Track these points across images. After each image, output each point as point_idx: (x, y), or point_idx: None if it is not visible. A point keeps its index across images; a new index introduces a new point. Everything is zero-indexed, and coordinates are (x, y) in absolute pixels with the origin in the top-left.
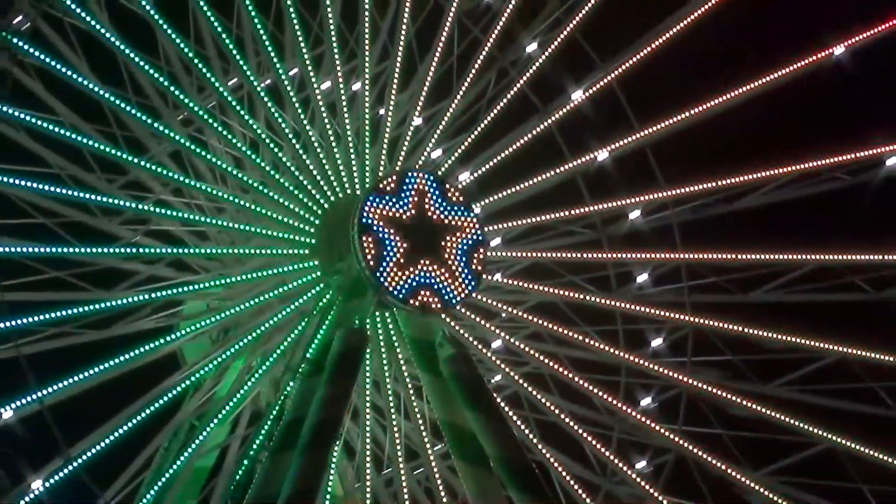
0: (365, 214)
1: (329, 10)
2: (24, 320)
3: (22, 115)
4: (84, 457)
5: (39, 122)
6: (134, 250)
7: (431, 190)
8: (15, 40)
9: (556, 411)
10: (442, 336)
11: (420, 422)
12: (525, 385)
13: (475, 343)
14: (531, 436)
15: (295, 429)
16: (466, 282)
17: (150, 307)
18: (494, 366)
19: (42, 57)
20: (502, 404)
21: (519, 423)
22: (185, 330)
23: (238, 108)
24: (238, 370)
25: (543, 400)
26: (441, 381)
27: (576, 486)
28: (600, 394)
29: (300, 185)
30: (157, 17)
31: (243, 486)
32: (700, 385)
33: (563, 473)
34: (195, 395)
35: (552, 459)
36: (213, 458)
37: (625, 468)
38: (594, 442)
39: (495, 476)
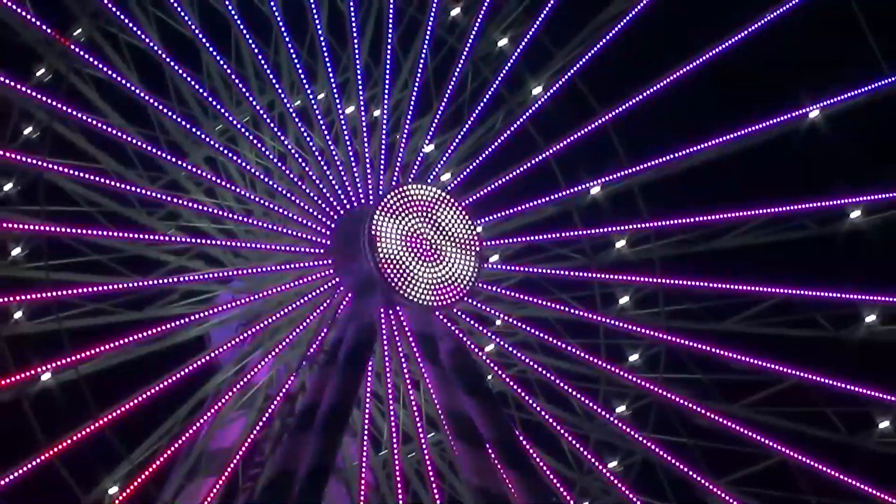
0: (376, 222)
1: (356, 44)
2: (67, 291)
3: (80, 116)
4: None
5: (95, 123)
6: (174, 239)
7: (437, 204)
8: (75, 49)
9: (540, 410)
10: (442, 330)
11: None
12: (513, 385)
13: (469, 344)
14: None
15: (312, 412)
16: (464, 285)
17: (179, 294)
18: (486, 367)
19: (98, 65)
20: None
21: None
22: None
23: (270, 123)
24: (258, 355)
25: (529, 400)
26: (442, 370)
27: (553, 480)
28: (580, 397)
29: (320, 194)
30: (203, 38)
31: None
32: (669, 397)
33: (542, 466)
34: (216, 376)
35: (533, 454)
36: (232, 432)
37: (598, 465)
38: (572, 440)
39: (490, 456)
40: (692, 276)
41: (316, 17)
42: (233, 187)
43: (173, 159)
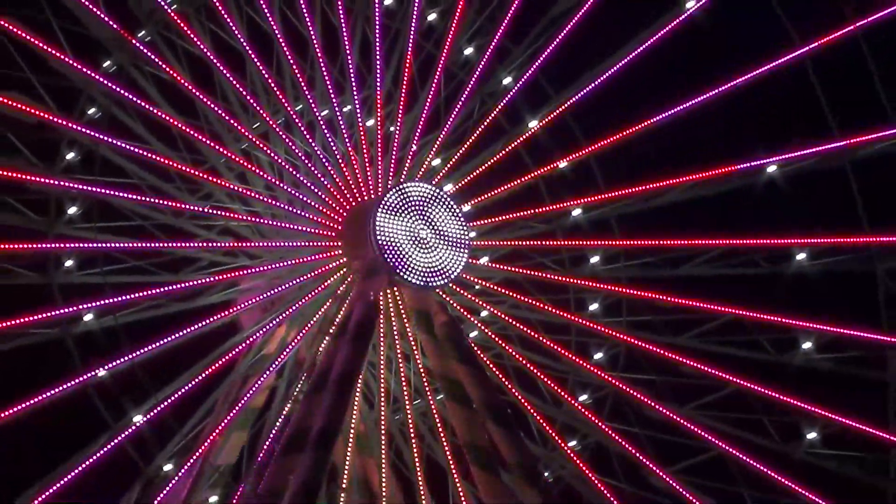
0: (379, 213)
1: (378, 73)
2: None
3: (137, 101)
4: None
5: (149, 109)
6: (208, 211)
7: (431, 200)
8: (140, 48)
9: (514, 392)
10: (437, 307)
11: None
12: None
13: (460, 310)
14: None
15: (325, 377)
16: (454, 269)
17: (208, 262)
18: (476, 327)
19: (158, 62)
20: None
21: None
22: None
23: (300, 126)
24: (283, 333)
25: (506, 383)
26: (436, 340)
27: (535, 415)
28: (550, 384)
29: (336, 189)
30: (248, 49)
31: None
32: (626, 391)
33: (526, 405)
34: (248, 354)
35: (518, 395)
36: (261, 398)
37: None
38: (547, 381)
39: (478, 414)
40: (654, 291)
41: (346, 43)
42: (262, 173)
43: (215, 146)
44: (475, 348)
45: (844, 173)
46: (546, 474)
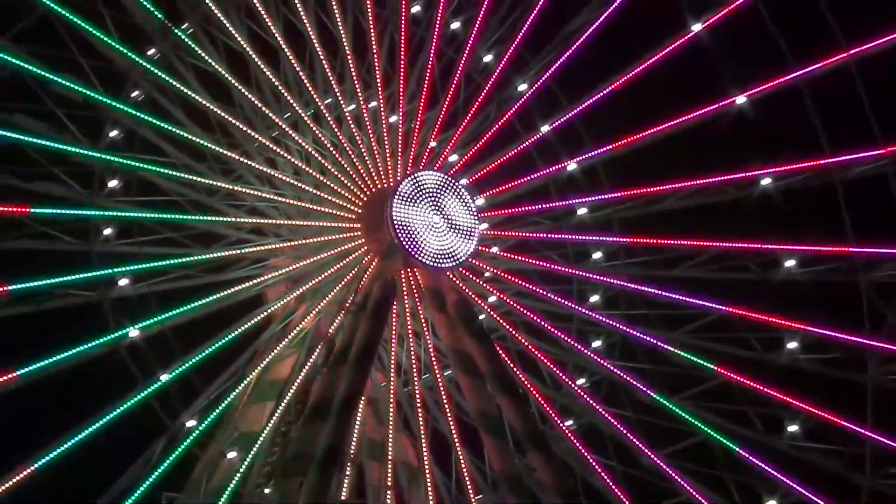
0: (396, 199)
1: (401, 79)
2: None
3: (173, 129)
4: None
5: (183, 134)
6: (240, 189)
7: (445, 185)
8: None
9: (518, 375)
10: (449, 286)
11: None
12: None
13: (470, 294)
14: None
15: (346, 350)
16: (465, 253)
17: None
18: (484, 310)
19: (199, 52)
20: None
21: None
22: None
23: (329, 118)
24: (304, 308)
25: (515, 334)
26: (448, 317)
27: (536, 395)
28: (552, 367)
29: (357, 176)
30: (283, 46)
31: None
32: (621, 377)
33: (528, 385)
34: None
35: (521, 376)
36: (286, 369)
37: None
38: (548, 363)
39: (487, 384)
40: (649, 285)
41: (374, 46)
42: (291, 158)
43: (248, 131)
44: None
45: (834, 190)
46: None
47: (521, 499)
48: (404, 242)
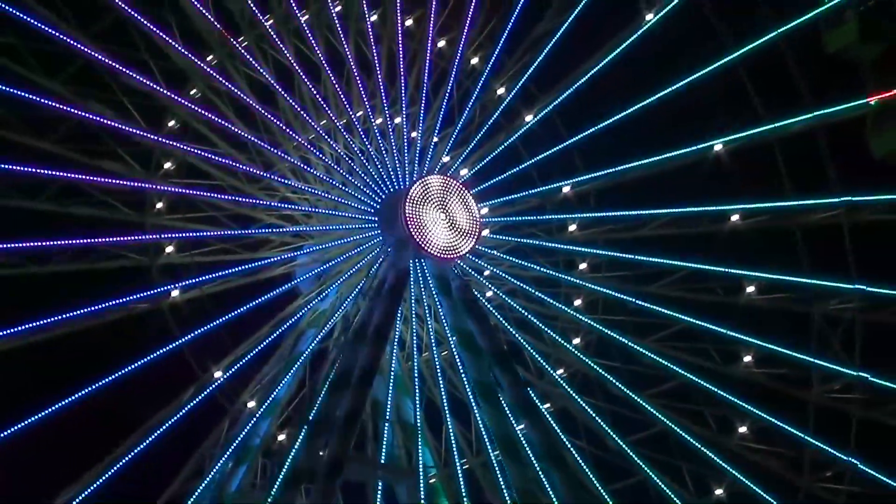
0: (408, 198)
1: (424, 102)
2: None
3: (212, 156)
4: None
5: (216, 159)
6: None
7: (451, 189)
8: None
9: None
10: (453, 274)
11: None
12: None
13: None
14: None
15: (364, 329)
16: (468, 245)
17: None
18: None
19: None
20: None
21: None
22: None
23: (359, 128)
24: (333, 296)
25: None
26: (453, 301)
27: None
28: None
29: (375, 178)
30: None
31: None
32: (596, 370)
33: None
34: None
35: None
36: (307, 339)
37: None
38: (543, 326)
39: (485, 359)
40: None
41: (402, 73)
42: (324, 158)
43: (288, 131)
44: (483, 304)
45: (794, 232)
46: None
47: (512, 457)
48: (415, 236)
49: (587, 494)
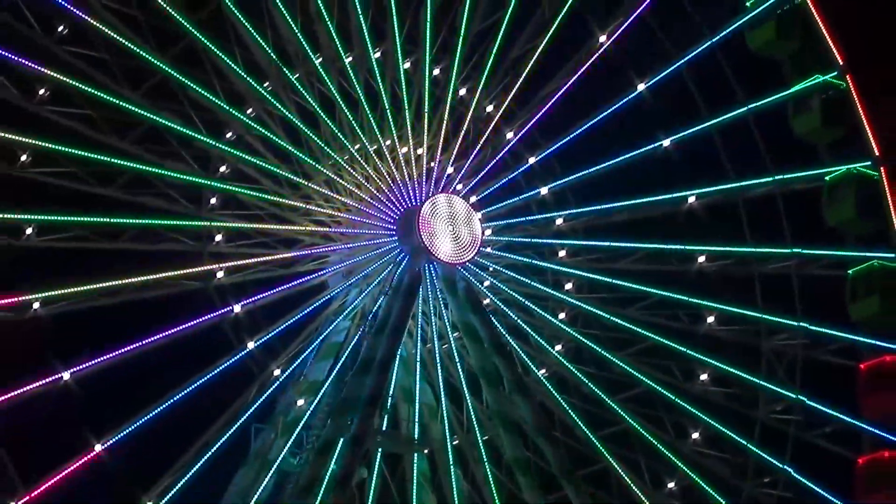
0: (422, 213)
1: (407, 113)
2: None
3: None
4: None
5: (264, 166)
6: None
7: (459, 205)
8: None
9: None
10: (458, 276)
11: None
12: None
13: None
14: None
15: (384, 323)
16: (472, 251)
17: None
18: (484, 291)
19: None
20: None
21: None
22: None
23: (387, 154)
24: (357, 291)
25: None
26: (458, 298)
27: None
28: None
29: (395, 196)
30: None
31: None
32: (572, 371)
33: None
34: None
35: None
36: (342, 336)
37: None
38: (531, 332)
39: (487, 349)
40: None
41: (426, 112)
42: (355, 174)
43: (328, 150)
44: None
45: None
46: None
47: (510, 431)
48: (428, 245)
49: (571, 464)
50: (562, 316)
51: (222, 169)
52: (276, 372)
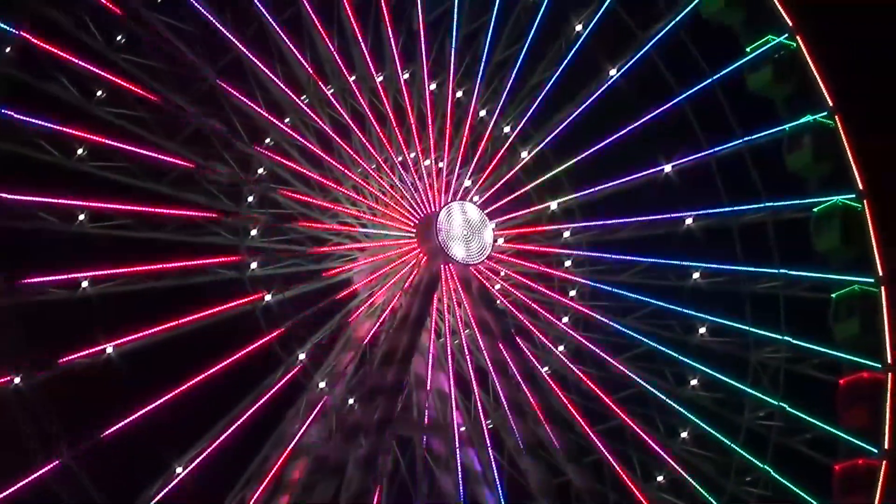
0: (439, 219)
1: (431, 131)
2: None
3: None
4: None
5: (297, 169)
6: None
7: (475, 212)
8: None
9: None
10: (473, 276)
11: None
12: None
13: (486, 281)
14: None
15: (405, 319)
16: (484, 256)
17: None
18: (495, 294)
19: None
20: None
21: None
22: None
23: (408, 166)
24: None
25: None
26: (473, 296)
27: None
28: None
29: (415, 203)
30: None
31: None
32: (577, 372)
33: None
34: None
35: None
36: (364, 329)
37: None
38: (544, 311)
39: (498, 342)
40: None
41: (448, 130)
42: (381, 180)
43: (358, 159)
44: (497, 299)
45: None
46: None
47: (521, 419)
48: (444, 248)
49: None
50: (565, 320)
51: (260, 171)
52: (322, 384)
